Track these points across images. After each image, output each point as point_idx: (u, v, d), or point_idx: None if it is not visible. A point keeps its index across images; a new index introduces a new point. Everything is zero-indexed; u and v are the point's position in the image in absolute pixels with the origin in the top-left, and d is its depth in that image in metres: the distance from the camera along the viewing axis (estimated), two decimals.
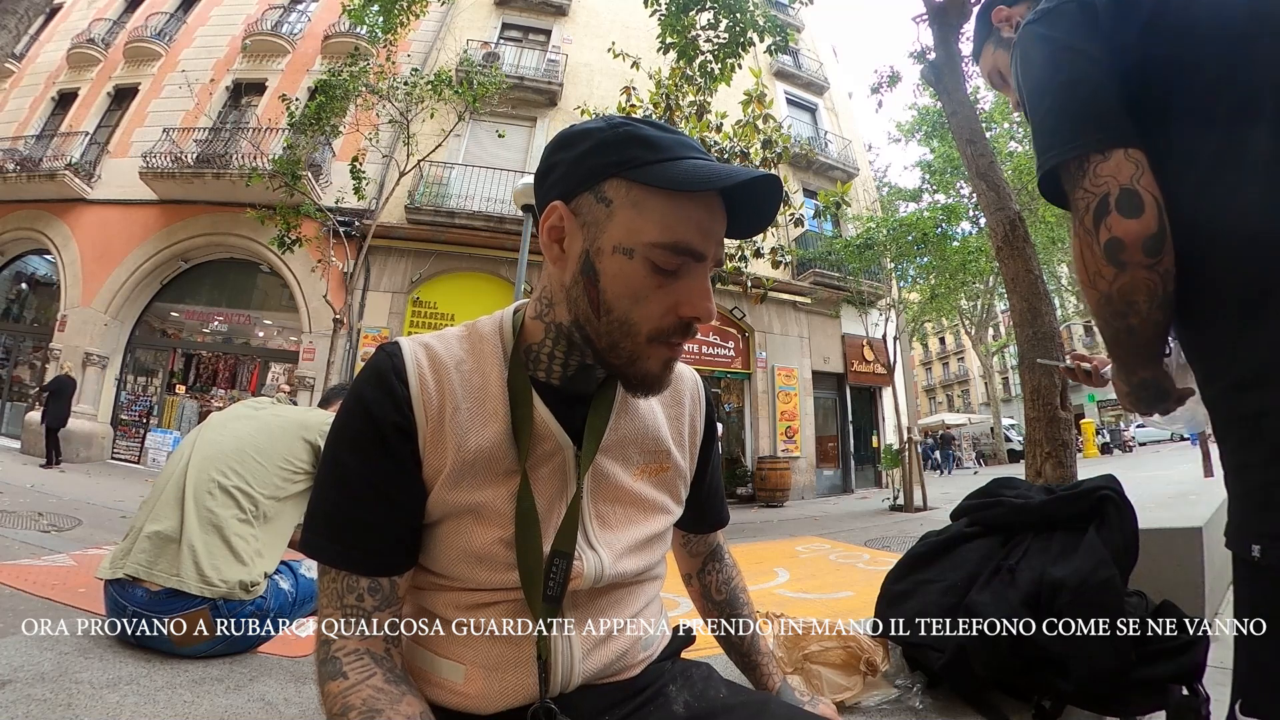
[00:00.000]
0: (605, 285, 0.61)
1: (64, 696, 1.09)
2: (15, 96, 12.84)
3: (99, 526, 4.65)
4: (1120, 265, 0.66)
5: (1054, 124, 0.72)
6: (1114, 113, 0.69)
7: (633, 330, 0.62)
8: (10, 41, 4.72)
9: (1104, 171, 0.67)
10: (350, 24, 10.22)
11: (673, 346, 0.64)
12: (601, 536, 0.68)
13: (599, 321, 0.62)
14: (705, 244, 0.61)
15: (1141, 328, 0.70)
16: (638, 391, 0.66)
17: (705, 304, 0.61)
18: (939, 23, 4.89)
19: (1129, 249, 0.65)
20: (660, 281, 0.60)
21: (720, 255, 0.64)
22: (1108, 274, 0.68)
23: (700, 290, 0.62)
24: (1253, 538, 0.62)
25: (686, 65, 7.20)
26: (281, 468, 1.56)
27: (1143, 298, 0.67)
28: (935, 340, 45.07)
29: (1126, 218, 0.65)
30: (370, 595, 0.61)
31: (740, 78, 7.54)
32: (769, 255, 8.43)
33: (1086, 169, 0.68)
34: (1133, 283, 0.67)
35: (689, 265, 0.61)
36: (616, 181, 0.60)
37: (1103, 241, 0.67)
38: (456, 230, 10.84)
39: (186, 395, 11.16)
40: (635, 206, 0.60)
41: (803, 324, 13.20)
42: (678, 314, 0.61)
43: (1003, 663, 0.97)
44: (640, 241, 0.59)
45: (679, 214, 0.59)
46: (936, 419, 28.45)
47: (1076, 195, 0.69)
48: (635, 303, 0.61)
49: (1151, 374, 0.78)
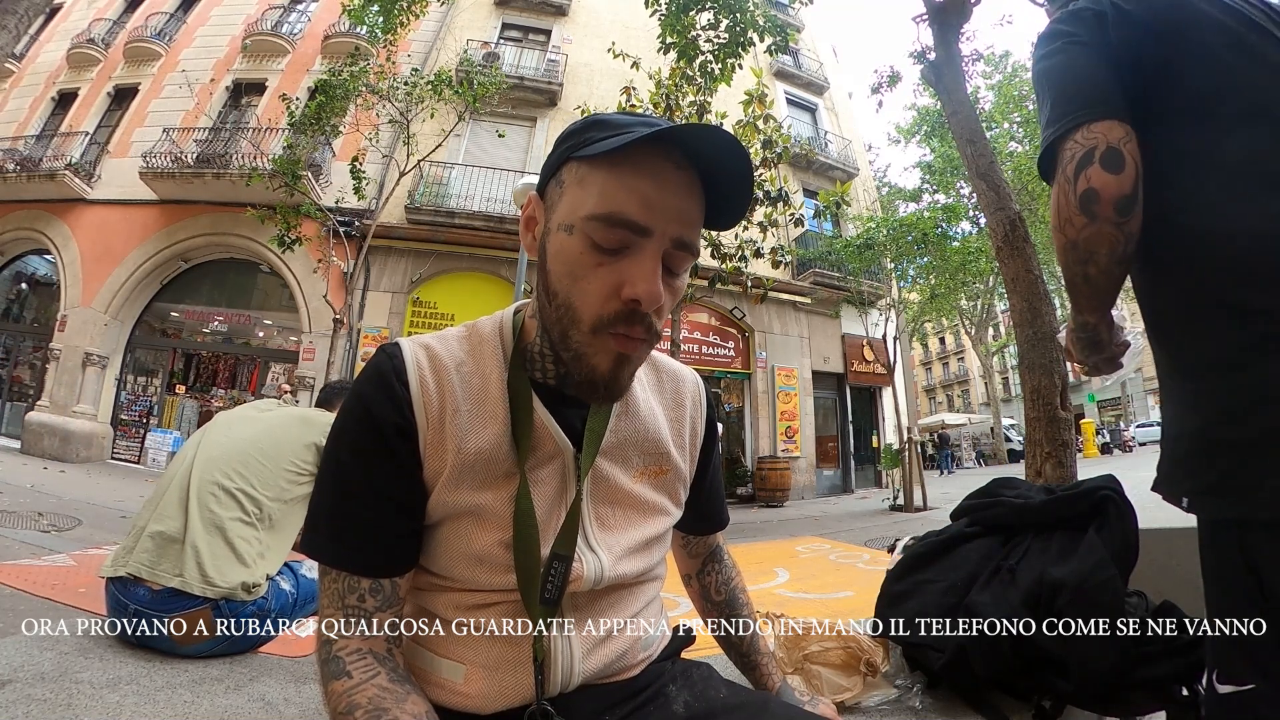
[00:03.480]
0: (550, 265, 0.60)
1: (64, 696, 1.09)
2: (15, 96, 12.82)
3: (99, 526, 4.65)
4: (1090, 216, 0.70)
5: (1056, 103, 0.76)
6: (1112, 93, 0.73)
7: (576, 316, 0.58)
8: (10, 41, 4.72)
9: (1095, 130, 0.71)
10: (350, 24, 10.21)
11: (622, 340, 0.58)
12: (601, 539, 0.67)
13: (550, 308, 0.60)
14: (649, 217, 0.56)
15: (1098, 277, 0.74)
16: (592, 395, 0.62)
17: (646, 285, 0.56)
18: (939, 23, 4.89)
19: (1102, 202, 0.69)
20: (600, 260, 0.57)
21: (684, 236, 0.58)
22: (1077, 223, 0.71)
23: (642, 270, 0.56)
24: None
25: (687, 65, 7.20)
26: (286, 470, 1.56)
27: (1104, 251, 0.71)
28: (935, 340, 45.06)
29: (1107, 172, 0.69)
30: (372, 596, 0.61)
31: (741, 78, 7.54)
32: (769, 255, 8.42)
33: (1077, 134, 0.72)
34: (1098, 235, 0.70)
35: (633, 242, 0.56)
36: (570, 164, 0.60)
37: (1079, 190, 0.70)
38: (456, 230, 10.84)
39: (186, 395, 11.16)
40: (580, 183, 0.58)
41: (803, 324, 13.19)
42: (619, 296, 0.57)
43: (1003, 663, 0.97)
44: (578, 216, 0.57)
45: (618, 184, 0.56)
46: (936, 419, 28.43)
47: (1065, 149, 0.73)
48: (574, 282, 0.57)
49: (1096, 319, 0.83)
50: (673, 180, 0.57)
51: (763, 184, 8.16)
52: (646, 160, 0.56)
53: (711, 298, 10.64)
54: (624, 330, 0.58)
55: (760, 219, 8.21)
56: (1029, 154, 13.06)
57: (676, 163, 0.57)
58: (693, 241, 0.59)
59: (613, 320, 0.57)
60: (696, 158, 0.58)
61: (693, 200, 0.59)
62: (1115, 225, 0.69)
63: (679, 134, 0.55)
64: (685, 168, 0.58)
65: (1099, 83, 0.74)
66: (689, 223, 0.59)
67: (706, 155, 0.57)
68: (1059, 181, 0.73)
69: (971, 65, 9.57)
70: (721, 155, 0.57)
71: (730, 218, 0.63)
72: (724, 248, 8.17)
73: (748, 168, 0.58)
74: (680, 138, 0.56)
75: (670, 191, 0.57)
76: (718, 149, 0.56)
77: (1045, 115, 0.79)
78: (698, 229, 0.61)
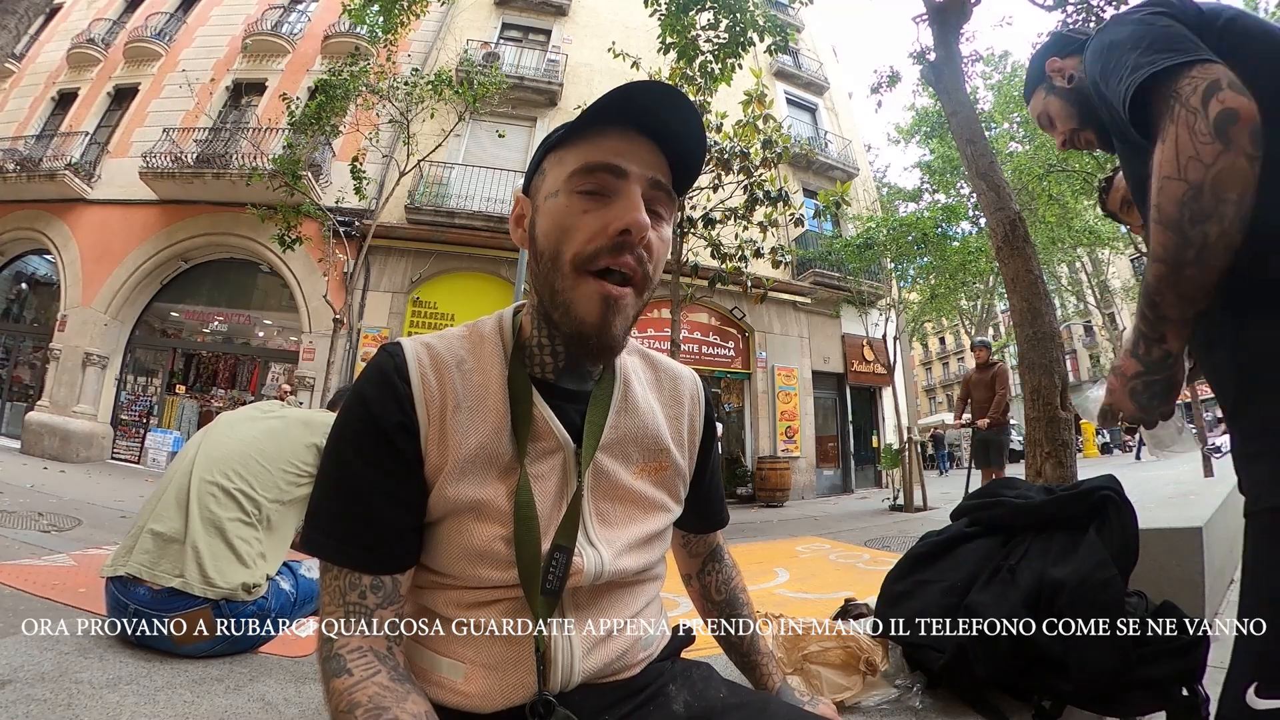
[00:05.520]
0: (540, 232, 0.64)
1: (64, 696, 1.09)
2: (15, 96, 12.82)
3: (99, 526, 4.65)
4: (1227, 141, 0.61)
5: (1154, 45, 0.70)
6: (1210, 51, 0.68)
7: (560, 261, 0.62)
8: (10, 41, 4.72)
9: (1211, 70, 0.64)
10: (350, 24, 10.21)
11: (605, 280, 0.61)
12: (601, 534, 0.68)
13: (539, 270, 0.64)
14: (621, 160, 0.62)
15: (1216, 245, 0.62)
16: (584, 348, 0.64)
17: (631, 213, 0.60)
18: (939, 23, 4.88)
19: (1241, 123, 0.61)
20: (586, 206, 0.61)
21: (658, 177, 0.64)
22: (1209, 153, 0.62)
23: (627, 203, 0.61)
24: None
25: (686, 65, 7.20)
26: (286, 471, 1.56)
27: (1235, 193, 0.61)
28: (935, 340, 45.04)
29: (1239, 95, 0.62)
30: (373, 593, 0.61)
31: (740, 78, 7.54)
32: (769, 255, 8.43)
33: (1192, 69, 0.65)
34: (1233, 168, 0.61)
35: (613, 186, 0.62)
36: (550, 155, 0.66)
37: (1213, 114, 0.62)
38: (456, 230, 10.84)
39: (186, 395, 11.16)
40: (559, 162, 0.64)
41: (803, 324, 13.19)
42: (606, 233, 0.60)
43: (1003, 663, 0.97)
44: (561, 181, 0.63)
45: (590, 145, 0.62)
46: (936, 419, 28.42)
47: (1181, 84, 0.65)
48: (564, 234, 0.62)
49: (1178, 346, 0.71)
50: (636, 141, 0.63)
51: (763, 184, 8.16)
52: (610, 129, 0.63)
53: (711, 298, 10.64)
54: (609, 261, 0.61)
55: (760, 219, 8.21)
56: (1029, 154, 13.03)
57: (637, 131, 0.63)
58: (668, 184, 0.65)
59: (595, 254, 0.61)
60: (651, 129, 0.64)
61: (658, 159, 0.65)
62: (1249, 158, 0.61)
63: (632, 95, 0.60)
64: (645, 136, 0.64)
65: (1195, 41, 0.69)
66: (660, 170, 0.65)
67: (660, 119, 0.63)
68: (1179, 119, 0.64)
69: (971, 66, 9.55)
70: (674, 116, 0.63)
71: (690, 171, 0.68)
72: (724, 248, 8.17)
73: (696, 121, 0.64)
74: (630, 96, 0.60)
75: (638, 147, 0.63)
76: (668, 108, 0.62)
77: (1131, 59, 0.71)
78: (668, 179, 0.65)
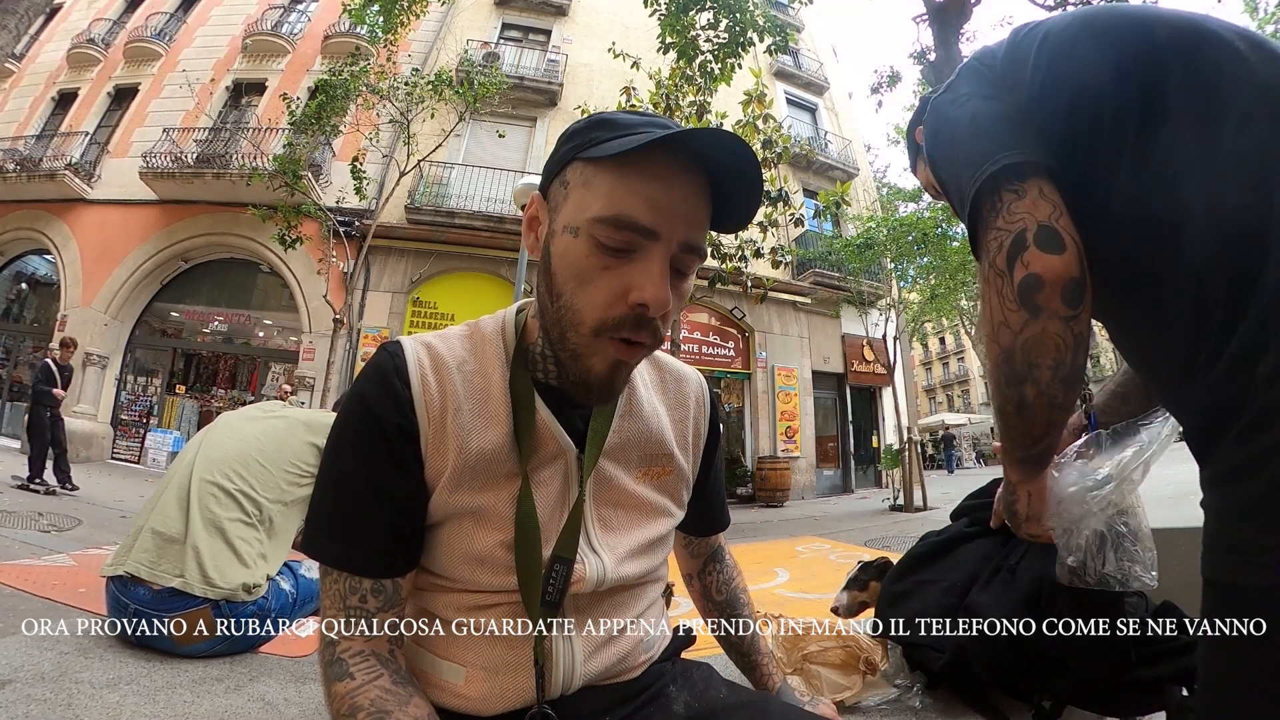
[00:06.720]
0: (555, 268, 0.59)
1: (64, 696, 1.09)
2: (15, 96, 12.82)
3: (99, 526, 4.65)
4: (1034, 310, 0.57)
5: (967, 161, 0.65)
6: (1021, 135, 0.64)
7: (578, 319, 0.57)
8: (10, 41, 4.72)
9: (1019, 209, 0.59)
10: (350, 24, 10.23)
11: (623, 346, 0.58)
12: (604, 540, 0.67)
13: (552, 308, 0.59)
14: (655, 220, 0.55)
15: (1036, 404, 0.60)
16: (584, 396, 0.62)
17: (654, 290, 0.55)
18: (939, 23, 4.89)
19: (1048, 289, 0.57)
20: (606, 263, 0.56)
21: (692, 240, 0.57)
22: (1015, 321, 0.58)
23: (650, 273, 0.55)
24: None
25: (686, 65, 7.21)
26: (288, 471, 1.56)
27: (1049, 359, 0.58)
28: (935, 340, 45.03)
29: (1046, 253, 0.57)
30: (373, 596, 0.60)
31: (740, 78, 7.55)
32: (769, 255, 8.42)
33: (999, 208, 0.60)
34: (1042, 336, 0.58)
35: (640, 245, 0.56)
36: (575, 164, 0.59)
37: (1017, 279, 0.58)
38: (456, 230, 10.84)
39: (186, 395, 11.16)
40: (586, 185, 0.57)
41: (803, 324, 13.19)
42: (626, 301, 0.56)
43: (1003, 663, 0.97)
44: (584, 218, 0.56)
45: (625, 187, 0.55)
46: (936, 419, 28.43)
47: (989, 238, 0.61)
48: (580, 285, 0.57)
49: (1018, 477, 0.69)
50: (680, 182, 0.56)
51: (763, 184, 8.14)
52: (654, 163, 0.55)
53: (711, 298, 10.64)
54: (629, 334, 0.57)
55: (760, 219, 8.20)
56: None
57: (684, 165, 0.56)
58: (700, 244, 0.59)
59: (617, 324, 0.56)
60: (704, 160, 0.57)
61: (700, 202, 0.58)
62: (1064, 320, 0.57)
63: (688, 138, 0.54)
64: (693, 169, 0.57)
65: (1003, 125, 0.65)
66: (696, 225, 0.58)
67: (714, 158, 0.57)
68: (989, 279, 0.60)
69: None
70: (730, 158, 0.56)
71: (738, 220, 0.62)
72: (724, 248, 8.16)
73: (756, 171, 0.58)
74: (688, 142, 0.55)
75: (678, 194, 0.56)
76: (727, 152, 0.56)
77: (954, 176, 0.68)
78: (705, 231, 0.60)
